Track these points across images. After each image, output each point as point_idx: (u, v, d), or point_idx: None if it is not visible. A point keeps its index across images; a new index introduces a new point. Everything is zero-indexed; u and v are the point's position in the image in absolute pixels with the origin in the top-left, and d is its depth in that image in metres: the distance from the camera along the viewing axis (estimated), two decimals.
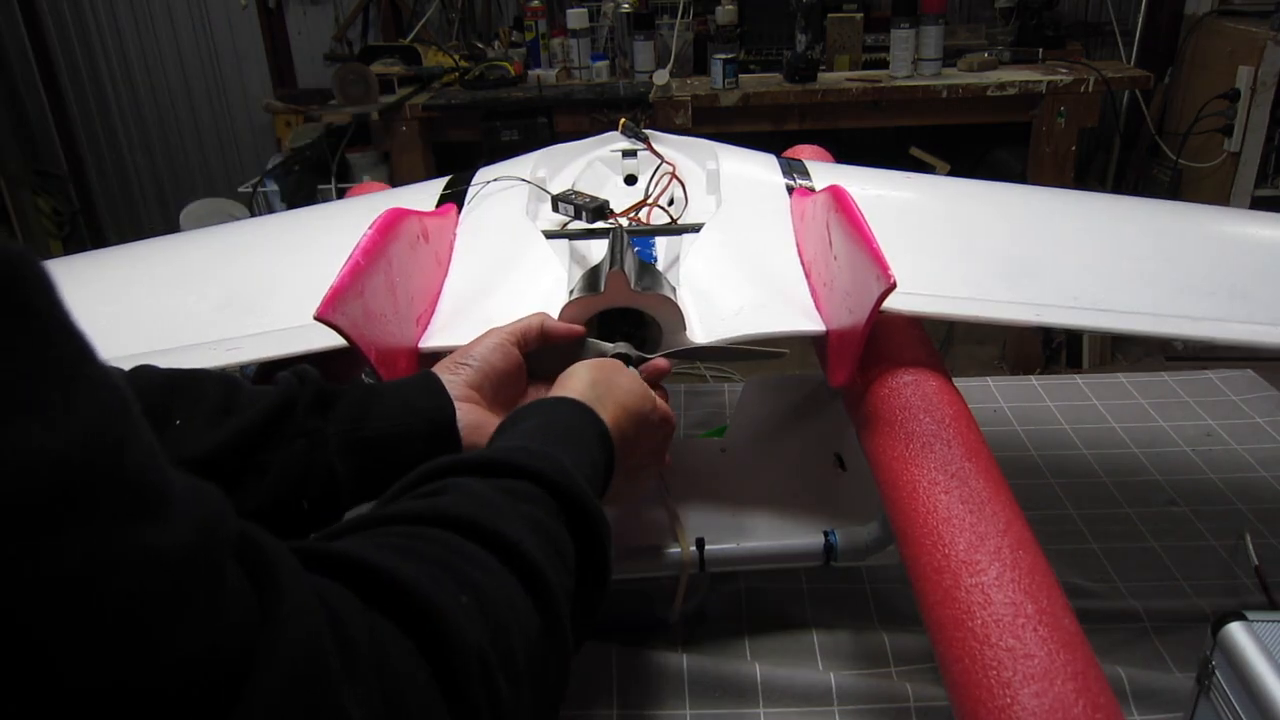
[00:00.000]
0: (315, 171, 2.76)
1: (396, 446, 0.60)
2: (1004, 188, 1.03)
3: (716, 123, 2.65)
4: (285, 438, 0.57)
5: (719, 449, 0.98)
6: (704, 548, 0.85)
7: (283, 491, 0.56)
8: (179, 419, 0.55)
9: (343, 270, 0.66)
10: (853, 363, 0.72)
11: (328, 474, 0.58)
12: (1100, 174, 3.20)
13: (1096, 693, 0.50)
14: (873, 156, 1.45)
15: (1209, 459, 1.22)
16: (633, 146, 1.05)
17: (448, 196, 0.98)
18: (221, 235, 1.10)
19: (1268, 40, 2.60)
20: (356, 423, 0.59)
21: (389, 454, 0.59)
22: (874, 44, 2.87)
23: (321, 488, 0.58)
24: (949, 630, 0.56)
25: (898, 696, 0.84)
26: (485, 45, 3.09)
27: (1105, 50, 3.15)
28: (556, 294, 0.79)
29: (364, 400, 0.61)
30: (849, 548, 0.84)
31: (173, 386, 0.57)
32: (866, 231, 0.68)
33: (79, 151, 3.63)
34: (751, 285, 0.80)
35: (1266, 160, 2.75)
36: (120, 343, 0.78)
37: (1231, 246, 0.90)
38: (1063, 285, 0.79)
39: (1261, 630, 0.66)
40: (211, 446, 0.54)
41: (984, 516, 0.60)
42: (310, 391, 0.59)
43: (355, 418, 0.59)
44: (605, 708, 0.85)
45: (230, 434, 0.55)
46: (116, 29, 3.45)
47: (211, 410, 0.56)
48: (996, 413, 1.34)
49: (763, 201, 0.94)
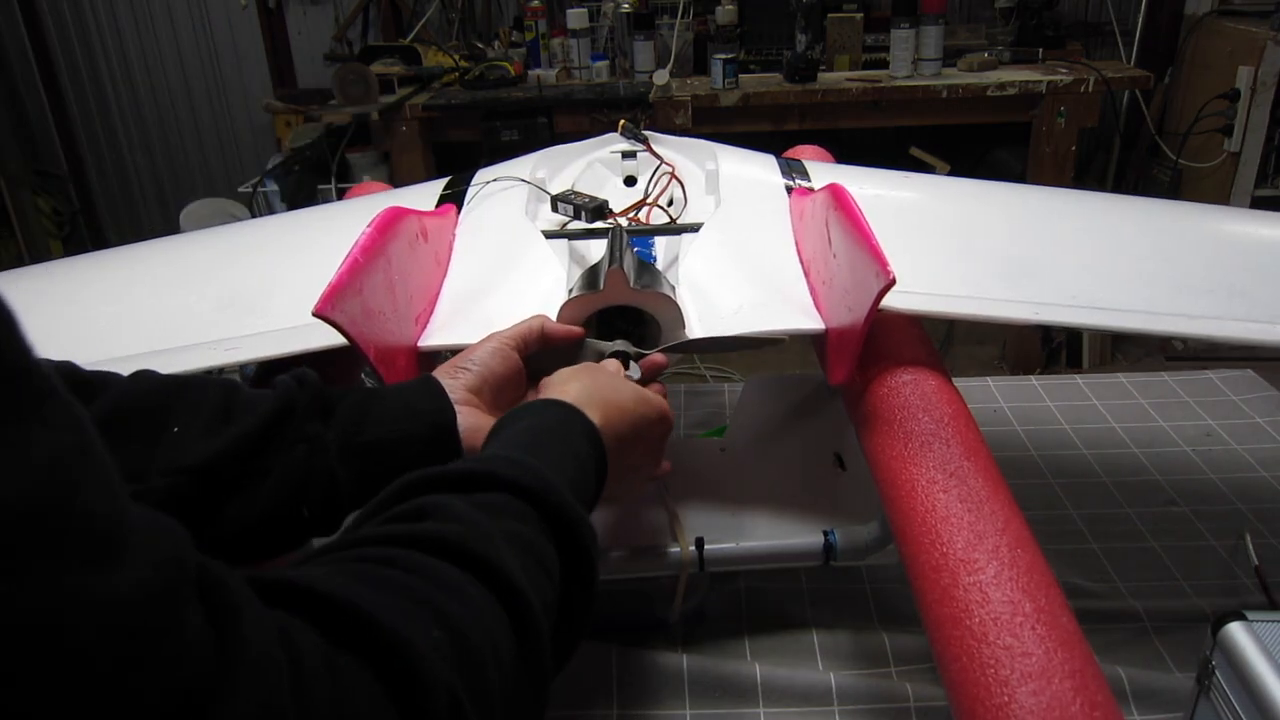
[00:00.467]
0: (315, 171, 2.76)
1: (397, 451, 0.59)
2: (1004, 187, 1.03)
3: (716, 123, 2.65)
4: (285, 443, 0.56)
5: (719, 449, 0.98)
6: (704, 547, 0.85)
7: (283, 497, 0.56)
8: (178, 426, 0.55)
9: (341, 267, 0.66)
10: (852, 361, 0.72)
11: (328, 479, 0.57)
12: (1100, 174, 3.20)
13: (1094, 691, 0.50)
14: (873, 156, 1.45)
15: (1209, 459, 1.22)
16: (632, 147, 1.05)
17: (447, 197, 0.98)
18: (222, 235, 1.10)
19: (1268, 40, 2.60)
20: (357, 427, 0.59)
21: (390, 459, 0.59)
22: (874, 44, 2.87)
23: (322, 493, 0.57)
24: (947, 628, 0.56)
25: (898, 696, 0.84)
26: (485, 45, 3.09)
27: (1105, 50, 3.15)
28: (556, 293, 0.79)
29: (364, 404, 0.60)
30: (849, 547, 0.84)
31: (171, 393, 0.57)
32: (865, 229, 0.68)
33: (79, 151, 3.63)
34: (750, 284, 0.80)
35: (1266, 160, 2.75)
36: (121, 343, 0.78)
37: (1230, 246, 0.90)
38: (1062, 284, 0.79)
39: (1261, 630, 0.66)
40: (211, 454, 0.54)
41: (982, 515, 0.60)
42: (309, 396, 0.59)
43: (355, 422, 0.59)
44: (605, 708, 0.85)
45: (230, 441, 0.54)
46: (116, 29, 3.45)
47: (210, 417, 0.56)
48: (996, 413, 1.34)
49: (762, 201, 0.94)
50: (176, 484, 0.52)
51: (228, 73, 3.49)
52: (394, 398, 0.61)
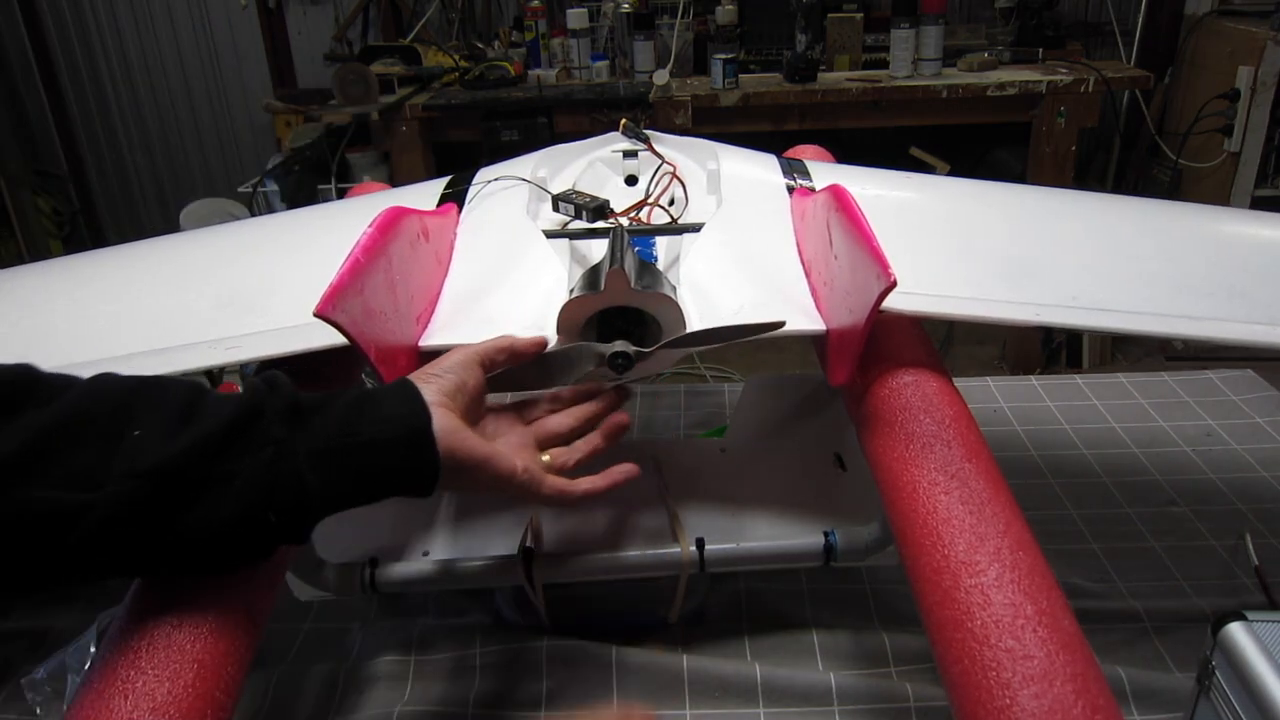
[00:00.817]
0: (315, 171, 2.76)
1: (369, 455, 0.57)
2: (1004, 188, 1.03)
3: (716, 123, 2.65)
4: (251, 446, 0.54)
5: (719, 449, 0.98)
6: (704, 548, 0.85)
7: (249, 503, 0.54)
8: (139, 429, 0.53)
9: (343, 267, 0.66)
10: (853, 362, 0.71)
11: (297, 484, 0.55)
12: (1100, 174, 3.20)
13: (1096, 694, 0.50)
14: (873, 156, 1.45)
15: (1209, 459, 1.22)
16: (633, 147, 1.05)
17: (448, 196, 0.98)
18: (221, 235, 1.10)
19: (1268, 40, 2.60)
20: (327, 431, 0.57)
21: (362, 462, 0.57)
22: (874, 44, 2.87)
23: (291, 498, 0.55)
24: (948, 631, 0.56)
25: (898, 696, 0.84)
26: (485, 45, 3.09)
27: (1105, 50, 3.15)
28: (557, 293, 0.79)
29: (336, 408, 0.58)
30: (849, 548, 0.84)
31: (133, 395, 0.55)
32: (867, 230, 0.68)
33: (79, 151, 3.63)
34: (751, 284, 0.80)
35: (1266, 160, 2.75)
36: (121, 342, 0.78)
37: (1231, 246, 0.90)
38: (1062, 285, 0.79)
39: (1261, 630, 0.66)
40: (168, 456, 0.52)
41: (984, 517, 0.60)
42: (281, 399, 0.57)
43: (326, 426, 0.57)
44: (605, 708, 0.85)
45: (189, 442, 0.53)
46: (116, 29, 3.45)
47: (172, 418, 0.54)
48: (996, 413, 1.34)
49: (763, 201, 0.94)
50: (132, 489, 0.51)
51: (228, 73, 3.49)
52: (368, 402, 0.59)
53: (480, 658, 0.89)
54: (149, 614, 0.56)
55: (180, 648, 0.55)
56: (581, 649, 0.89)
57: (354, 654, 0.93)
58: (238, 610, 0.59)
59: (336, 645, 0.95)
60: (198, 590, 0.58)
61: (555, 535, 0.86)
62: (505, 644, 0.90)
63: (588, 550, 0.85)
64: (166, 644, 0.54)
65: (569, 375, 0.73)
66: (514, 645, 0.89)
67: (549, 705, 0.85)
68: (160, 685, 0.53)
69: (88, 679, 0.55)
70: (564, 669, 0.87)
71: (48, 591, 0.90)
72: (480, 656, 0.89)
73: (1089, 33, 3.14)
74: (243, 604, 0.60)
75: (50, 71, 3.48)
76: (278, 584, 0.68)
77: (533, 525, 0.86)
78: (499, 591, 0.96)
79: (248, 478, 0.54)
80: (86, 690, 0.54)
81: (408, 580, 0.85)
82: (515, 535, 0.86)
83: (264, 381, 0.58)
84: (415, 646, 0.92)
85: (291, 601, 0.89)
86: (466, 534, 0.89)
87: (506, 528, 0.88)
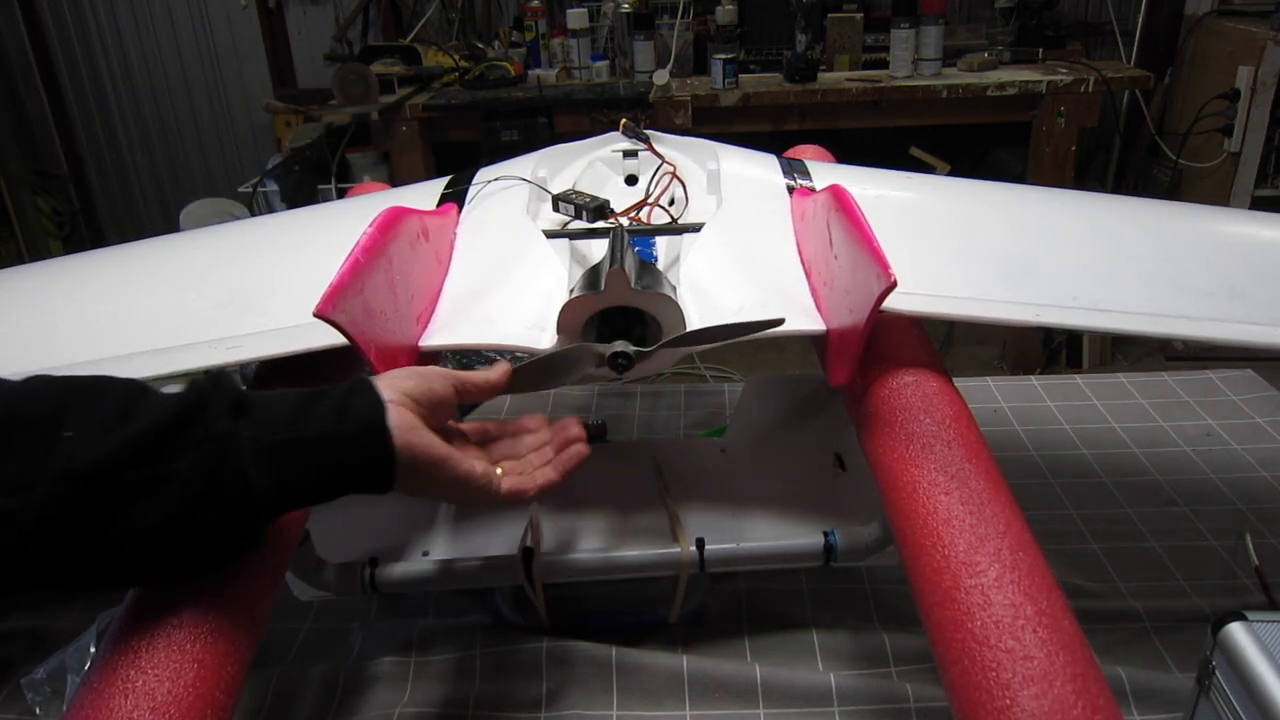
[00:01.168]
0: (315, 171, 2.76)
1: (322, 450, 0.55)
2: (1004, 188, 1.03)
3: (716, 123, 2.65)
4: (192, 443, 0.52)
5: (719, 449, 0.98)
6: (704, 548, 0.85)
7: (191, 502, 0.51)
8: (71, 430, 0.50)
9: (343, 267, 0.66)
10: (853, 362, 0.71)
11: (242, 482, 0.52)
12: (1100, 174, 3.20)
13: (1096, 694, 0.50)
14: (873, 156, 1.45)
15: (1209, 459, 1.22)
16: (633, 147, 1.05)
17: (448, 196, 0.98)
18: (221, 235, 1.10)
19: (1268, 40, 2.60)
20: (274, 426, 0.54)
21: (313, 458, 0.55)
22: (874, 44, 2.87)
23: (236, 496, 0.53)
24: (948, 632, 0.56)
25: (898, 697, 0.84)
26: (485, 45, 3.09)
27: (1105, 50, 3.15)
28: (557, 293, 0.79)
29: (286, 403, 0.56)
30: (849, 548, 0.84)
31: (70, 395, 0.53)
32: (867, 230, 0.68)
33: (79, 151, 3.63)
34: (752, 285, 0.80)
35: (1266, 160, 2.75)
36: (121, 342, 0.78)
37: (1231, 247, 0.90)
38: (1062, 285, 0.79)
39: (1261, 630, 0.66)
40: (101, 455, 0.49)
41: (984, 518, 0.60)
42: (225, 395, 0.54)
43: (273, 421, 0.54)
44: (605, 708, 0.85)
45: (124, 441, 0.50)
46: (116, 29, 3.45)
47: (107, 418, 0.51)
48: (996, 413, 1.34)
49: (763, 201, 0.94)
50: (65, 491, 0.49)
51: (228, 73, 3.49)
52: (320, 397, 0.57)
53: (480, 658, 0.89)
54: (149, 614, 0.56)
55: (180, 648, 0.54)
56: (581, 649, 0.89)
57: (354, 654, 0.93)
58: (238, 610, 0.59)
59: (336, 645, 0.95)
60: (198, 590, 0.58)
61: (555, 535, 0.86)
62: (505, 644, 0.90)
63: (588, 550, 0.85)
64: (166, 644, 0.54)
65: (569, 375, 0.73)
66: (514, 646, 0.89)
67: (549, 706, 0.85)
68: (160, 685, 0.53)
69: (88, 679, 0.55)
70: (564, 669, 0.87)
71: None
72: (480, 657, 0.89)
73: (1089, 33, 3.13)
74: (243, 604, 0.60)
75: (50, 71, 3.48)
76: (278, 584, 0.67)
77: (532, 525, 0.86)
78: (499, 591, 0.96)
79: (187, 476, 0.52)
80: (86, 690, 0.54)
81: (408, 580, 0.85)
82: (515, 535, 0.86)
83: (209, 379, 0.56)
84: (415, 647, 0.92)
85: (291, 601, 0.89)
86: (466, 534, 0.89)
87: (506, 527, 0.88)
